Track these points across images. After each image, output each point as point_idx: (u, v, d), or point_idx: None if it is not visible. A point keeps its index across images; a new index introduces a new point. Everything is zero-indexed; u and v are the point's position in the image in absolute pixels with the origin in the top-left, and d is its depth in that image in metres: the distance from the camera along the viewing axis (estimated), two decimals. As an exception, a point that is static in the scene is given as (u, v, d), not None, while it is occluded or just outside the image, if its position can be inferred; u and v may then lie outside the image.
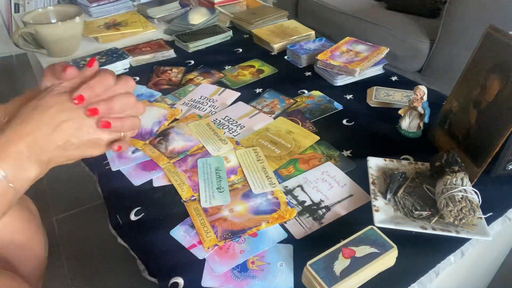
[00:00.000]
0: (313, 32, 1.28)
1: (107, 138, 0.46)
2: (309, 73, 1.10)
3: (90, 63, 0.46)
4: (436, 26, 1.50)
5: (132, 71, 1.12)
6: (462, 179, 0.61)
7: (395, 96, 0.94)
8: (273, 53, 1.21)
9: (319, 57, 1.05)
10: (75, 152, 0.44)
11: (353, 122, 0.88)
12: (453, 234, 0.58)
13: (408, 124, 0.82)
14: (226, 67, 1.13)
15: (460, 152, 0.71)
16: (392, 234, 0.57)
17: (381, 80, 1.04)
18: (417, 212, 0.62)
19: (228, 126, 0.87)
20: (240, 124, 0.88)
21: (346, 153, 0.79)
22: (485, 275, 0.96)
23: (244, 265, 0.57)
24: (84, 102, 0.43)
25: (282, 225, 0.64)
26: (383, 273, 0.55)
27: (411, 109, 0.80)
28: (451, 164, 0.64)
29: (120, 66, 1.12)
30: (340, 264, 0.52)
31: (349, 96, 0.98)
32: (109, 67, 1.09)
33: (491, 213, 0.64)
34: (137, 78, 1.08)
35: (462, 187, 0.59)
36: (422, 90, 0.79)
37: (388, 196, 0.65)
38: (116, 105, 0.45)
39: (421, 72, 1.60)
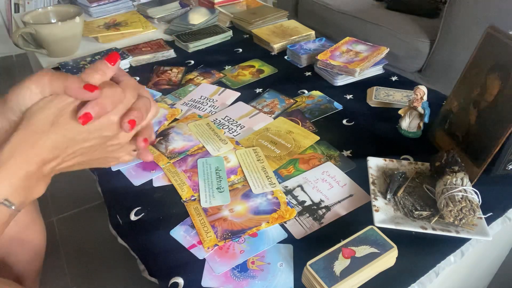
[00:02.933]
0: (313, 32, 1.28)
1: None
2: (309, 73, 1.10)
3: (112, 59, 0.41)
4: (436, 26, 1.50)
5: (132, 71, 1.12)
6: (462, 179, 0.61)
7: (395, 96, 0.94)
8: (273, 53, 1.21)
9: (319, 57, 1.05)
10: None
11: (353, 122, 0.88)
12: (453, 234, 0.58)
13: (408, 124, 0.82)
14: (226, 67, 1.13)
15: (460, 152, 0.71)
16: (392, 234, 0.57)
17: (381, 80, 1.04)
18: (417, 212, 0.62)
19: (228, 126, 0.87)
20: (240, 124, 0.88)
21: (346, 153, 0.79)
22: (485, 275, 0.96)
23: (244, 265, 0.57)
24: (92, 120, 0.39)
25: (282, 225, 0.64)
26: (383, 273, 0.55)
27: (411, 109, 0.80)
28: (451, 164, 0.64)
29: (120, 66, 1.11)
30: (340, 264, 0.52)
31: (349, 96, 0.98)
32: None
33: (491, 213, 0.64)
34: (137, 78, 1.08)
35: (462, 187, 0.59)
36: (422, 90, 0.79)
37: (388, 196, 0.65)
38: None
39: (421, 72, 1.60)
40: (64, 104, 0.39)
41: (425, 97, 0.79)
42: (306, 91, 1.00)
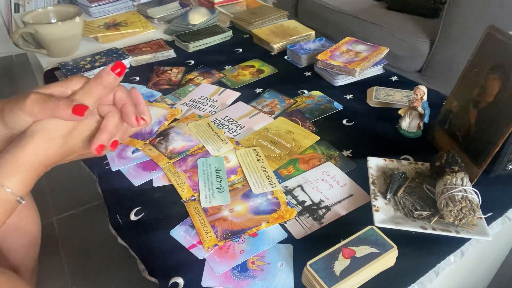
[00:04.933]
0: (313, 32, 1.28)
1: None
2: (309, 73, 1.10)
3: (116, 68, 0.43)
4: (436, 26, 1.50)
5: (132, 71, 1.12)
6: (462, 179, 0.61)
7: (395, 96, 0.94)
8: (273, 53, 1.21)
9: (319, 57, 1.05)
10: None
11: (353, 122, 0.88)
12: (453, 234, 0.58)
13: (408, 124, 0.82)
14: (226, 67, 1.13)
15: (460, 152, 0.71)
16: (392, 234, 0.57)
17: (381, 80, 1.04)
18: (417, 212, 0.62)
19: (228, 126, 0.87)
20: (240, 124, 0.88)
21: (346, 153, 0.79)
22: (485, 275, 0.96)
23: (244, 265, 0.57)
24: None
25: (282, 225, 0.64)
26: (383, 273, 0.55)
27: (411, 109, 0.80)
28: (451, 164, 0.64)
29: (120, 66, 1.11)
30: (340, 264, 0.52)
31: (349, 96, 0.98)
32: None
33: (491, 213, 0.64)
34: (137, 78, 1.08)
35: (462, 187, 0.59)
36: (422, 90, 0.79)
37: (388, 196, 0.65)
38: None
39: (421, 72, 1.60)
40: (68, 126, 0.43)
41: (425, 97, 0.79)
42: (306, 91, 1.00)
